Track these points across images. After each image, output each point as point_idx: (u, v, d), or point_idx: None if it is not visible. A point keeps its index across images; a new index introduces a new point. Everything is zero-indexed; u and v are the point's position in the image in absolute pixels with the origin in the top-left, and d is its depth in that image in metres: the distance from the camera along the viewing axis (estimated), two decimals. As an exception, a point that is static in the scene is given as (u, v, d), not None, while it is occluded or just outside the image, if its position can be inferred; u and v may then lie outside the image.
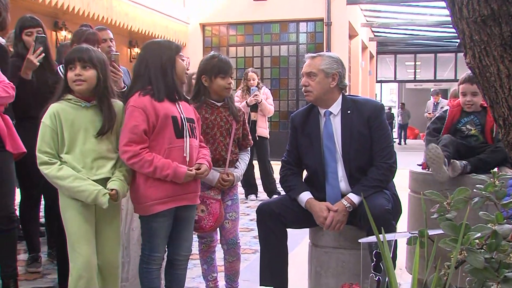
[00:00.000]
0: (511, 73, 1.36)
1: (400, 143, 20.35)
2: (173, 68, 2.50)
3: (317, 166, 2.85)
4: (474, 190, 1.49)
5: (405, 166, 3.81)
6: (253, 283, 3.23)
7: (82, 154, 2.36)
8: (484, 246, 1.33)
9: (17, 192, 3.48)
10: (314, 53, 2.91)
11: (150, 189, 2.44)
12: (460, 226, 1.30)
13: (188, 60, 2.57)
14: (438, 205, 1.44)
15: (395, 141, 18.84)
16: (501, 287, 1.26)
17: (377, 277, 1.60)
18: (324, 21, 12.24)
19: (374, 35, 18.00)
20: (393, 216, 2.63)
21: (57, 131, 2.34)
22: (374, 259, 1.67)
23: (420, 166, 3.52)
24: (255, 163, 6.50)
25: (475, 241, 1.33)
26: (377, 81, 22.04)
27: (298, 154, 2.95)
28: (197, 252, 3.14)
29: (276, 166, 4.71)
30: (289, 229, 2.86)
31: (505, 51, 1.34)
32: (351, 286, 1.53)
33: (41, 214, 4.01)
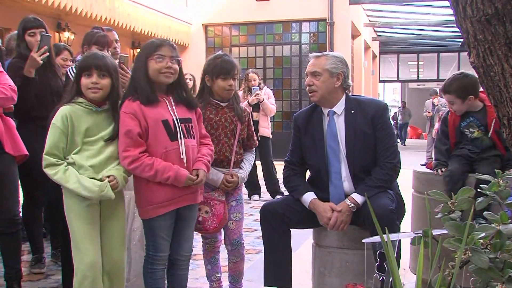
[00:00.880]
0: (515, 73, 1.36)
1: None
2: (145, 71, 2.47)
3: (321, 166, 2.84)
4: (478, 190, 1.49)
5: (408, 166, 3.81)
6: (257, 284, 3.24)
7: (91, 156, 2.39)
8: (488, 246, 1.33)
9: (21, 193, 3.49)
10: (318, 53, 2.91)
11: (151, 194, 2.46)
12: (464, 226, 1.30)
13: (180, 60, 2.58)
14: (442, 205, 1.44)
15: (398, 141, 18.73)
16: (506, 287, 1.26)
17: (381, 277, 1.60)
18: (327, 21, 12.24)
19: (377, 35, 17.98)
20: (397, 216, 2.63)
21: (67, 133, 2.36)
22: (378, 259, 1.67)
23: (423, 166, 3.51)
24: (258, 163, 6.50)
25: (479, 241, 1.33)
26: (380, 81, 21.99)
27: (301, 154, 2.95)
28: (201, 253, 3.15)
29: (279, 166, 4.72)
30: (292, 229, 2.86)
31: (510, 50, 1.34)
32: (355, 286, 1.53)
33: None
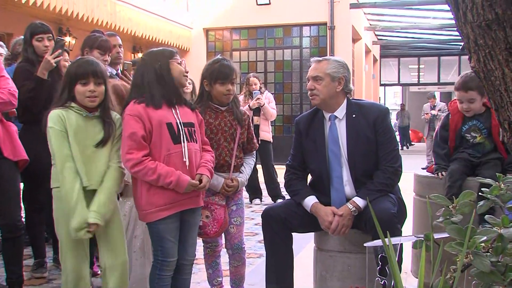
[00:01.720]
0: (516, 77, 1.36)
1: (403, 148, 19.81)
2: (169, 73, 2.53)
3: (322, 170, 2.85)
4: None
5: (410, 170, 3.80)
6: (259, 287, 3.23)
7: (82, 162, 2.42)
8: (490, 249, 1.34)
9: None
10: (320, 57, 2.91)
11: (153, 197, 2.46)
12: (466, 229, 1.30)
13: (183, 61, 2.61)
14: (443, 208, 1.45)
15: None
16: (507, 290, 1.26)
17: (382, 281, 1.60)
18: (328, 25, 12.24)
19: (378, 39, 17.99)
20: (398, 219, 2.63)
21: (66, 133, 2.39)
22: (380, 263, 1.68)
23: (424, 170, 3.50)
24: (259, 167, 6.51)
25: (481, 244, 1.33)
26: (381, 85, 21.97)
27: (302, 158, 2.95)
28: (202, 257, 3.15)
29: (280, 170, 4.71)
30: (294, 233, 2.86)
31: (510, 55, 1.35)
32: (357, 290, 1.53)
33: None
